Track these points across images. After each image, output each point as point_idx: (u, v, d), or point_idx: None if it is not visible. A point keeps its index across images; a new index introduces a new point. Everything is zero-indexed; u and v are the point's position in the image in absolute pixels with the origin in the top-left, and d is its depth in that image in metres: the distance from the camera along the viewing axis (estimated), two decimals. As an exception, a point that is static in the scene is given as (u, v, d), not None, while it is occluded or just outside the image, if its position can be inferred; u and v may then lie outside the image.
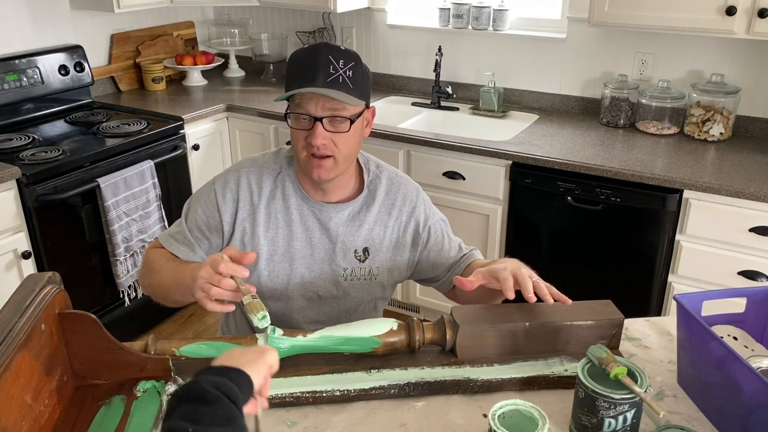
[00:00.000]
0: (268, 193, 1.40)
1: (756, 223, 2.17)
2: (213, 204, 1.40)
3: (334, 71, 1.26)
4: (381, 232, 1.43)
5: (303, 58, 1.29)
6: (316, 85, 1.24)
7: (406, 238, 1.45)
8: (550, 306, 1.23)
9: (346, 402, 1.12)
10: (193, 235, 1.40)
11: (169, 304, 1.38)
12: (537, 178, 2.47)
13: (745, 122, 2.66)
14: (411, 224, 1.44)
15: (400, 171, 1.51)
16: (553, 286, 1.22)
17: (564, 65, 2.96)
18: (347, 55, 1.29)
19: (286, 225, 1.41)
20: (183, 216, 1.44)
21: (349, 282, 1.43)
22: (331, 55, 1.27)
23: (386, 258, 1.44)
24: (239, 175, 1.41)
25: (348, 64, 1.28)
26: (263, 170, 1.42)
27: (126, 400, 1.06)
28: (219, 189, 1.41)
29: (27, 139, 2.64)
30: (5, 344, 0.90)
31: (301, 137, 1.30)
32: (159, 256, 1.39)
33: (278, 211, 1.40)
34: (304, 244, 1.41)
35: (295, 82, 1.28)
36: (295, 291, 1.42)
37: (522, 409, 0.96)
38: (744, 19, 2.26)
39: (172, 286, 1.29)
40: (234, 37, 3.66)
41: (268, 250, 1.40)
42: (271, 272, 1.41)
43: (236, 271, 1.11)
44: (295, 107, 1.29)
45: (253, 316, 1.05)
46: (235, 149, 3.19)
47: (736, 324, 1.19)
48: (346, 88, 1.27)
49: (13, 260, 2.40)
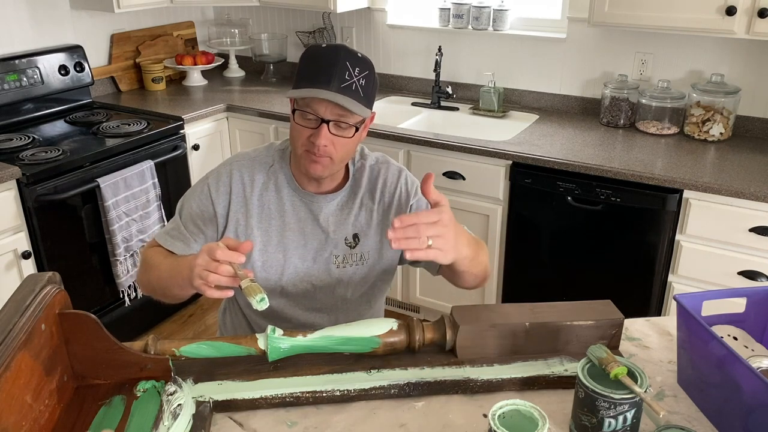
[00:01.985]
0: (261, 185, 1.42)
1: (756, 223, 2.17)
2: (207, 197, 1.42)
3: (349, 78, 1.26)
4: (367, 216, 1.45)
5: (321, 57, 1.29)
6: (330, 89, 1.25)
7: (391, 218, 1.45)
8: (550, 306, 1.23)
9: (346, 402, 1.12)
10: (188, 230, 1.42)
11: (168, 300, 1.38)
12: (537, 178, 2.47)
13: (745, 122, 2.66)
14: (394, 204, 1.45)
15: (382, 155, 1.51)
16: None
17: (564, 65, 2.96)
18: (363, 63, 1.30)
19: (279, 216, 1.42)
20: (177, 213, 1.46)
21: (341, 269, 1.45)
22: (349, 62, 1.27)
23: (375, 241, 1.46)
24: (231, 168, 1.43)
25: (363, 72, 1.28)
26: (255, 163, 1.44)
27: (126, 400, 1.05)
28: (212, 183, 1.42)
29: (27, 139, 2.64)
30: (5, 344, 0.90)
31: (304, 135, 1.31)
32: (156, 253, 1.40)
33: (271, 202, 1.42)
34: (297, 235, 1.43)
35: (309, 80, 1.28)
36: (289, 281, 1.43)
37: (522, 409, 0.96)
38: (744, 19, 2.26)
39: (170, 279, 1.30)
40: (234, 37, 3.66)
41: (261, 241, 1.42)
42: (265, 263, 1.42)
43: (233, 257, 1.12)
44: (303, 105, 1.30)
45: (252, 299, 1.05)
46: (235, 149, 3.19)
47: (736, 324, 1.19)
48: (357, 96, 1.27)
49: (13, 260, 2.40)
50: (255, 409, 1.10)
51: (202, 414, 1.05)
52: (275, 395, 1.10)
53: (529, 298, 1.98)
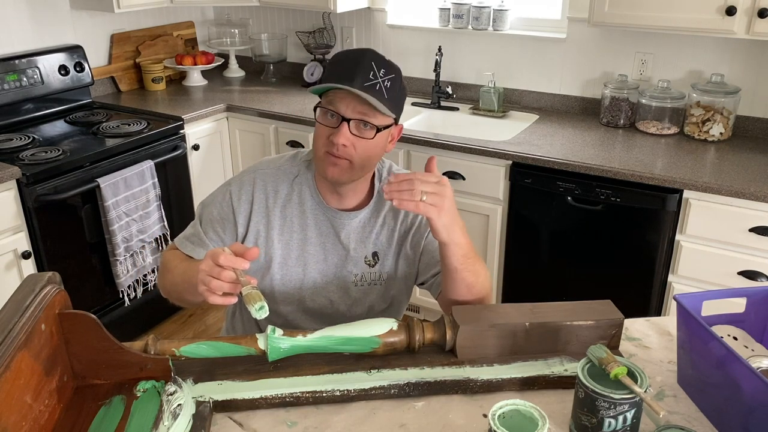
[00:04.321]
0: (284, 196, 1.40)
1: (756, 223, 2.16)
2: (228, 204, 1.40)
3: (373, 77, 1.26)
4: (389, 235, 1.43)
5: (347, 58, 1.30)
6: (353, 85, 1.24)
7: (410, 239, 1.44)
8: (550, 306, 1.23)
9: (346, 402, 1.12)
10: (207, 236, 1.40)
11: (184, 304, 1.38)
12: (537, 178, 2.47)
13: (745, 122, 2.66)
14: (414, 227, 1.44)
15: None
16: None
17: (564, 65, 2.95)
18: (390, 67, 1.30)
19: (301, 229, 1.40)
20: (197, 218, 1.44)
21: (360, 288, 1.43)
22: (374, 62, 1.27)
23: (393, 261, 1.44)
24: (255, 177, 1.41)
25: (388, 75, 1.28)
26: (279, 173, 1.41)
27: (126, 400, 1.05)
28: (234, 190, 1.40)
29: (27, 139, 2.64)
30: (5, 344, 0.90)
31: (325, 134, 1.30)
32: (174, 257, 1.39)
33: (294, 215, 1.40)
34: (317, 249, 1.41)
35: (333, 78, 1.27)
36: (307, 295, 1.42)
37: (522, 409, 0.96)
38: (744, 19, 2.26)
39: (183, 285, 1.29)
40: (234, 37, 3.66)
41: (281, 254, 1.40)
42: (284, 276, 1.41)
43: (236, 263, 1.10)
44: (326, 103, 1.29)
45: (251, 307, 1.05)
46: (235, 149, 3.19)
47: (736, 324, 1.19)
48: (380, 96, 1.26)
49: (13, 260, 2.40)
50: (255, 409, 1.10)
51: (202, 414, 1.05)
52: (275, 395, 1.10)
53: (529, 298, 1.97)
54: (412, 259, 1.45)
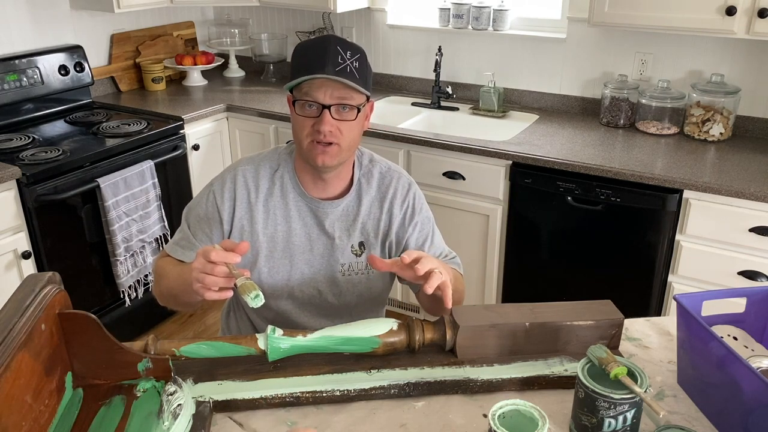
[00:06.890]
0: (266, 190, 1.41)
1: (756, 223, 2.16)
2: (212, 204, 1.41)
3: (342, 61, 1.28)
4: (374, 225, 1.44)
5: (311, 48, 1.31)
6: (326, 72, 1.26)
7: (396, 231, 1.45)
8: (550, 306, 1.23)
9: (346, 402, 1.12)
10: (197, 238, 1.41)
11: (182, 308, 1.40)
12: (537, 178, 2.47)
13: (745, 122, 2.66)
14: (399, 218, 1.45)
15: (393, 164, 1.51)
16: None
17: (564, 65, 2.95)
18: (354, 48, 1.31)
19: (285, 221, 1.41)
20: (184, 222, 1.45)
21: (347, 277, 1.44)
22: (339, 46, 1.29)
23: (379, 251, 1.45)
24: (236, 173, 1.42)
25: (355, 55, 1.30)
26: (260, 167, 1.43)
27: (126, 400, 1.05)
28: (217, 189, 1.42)
29: (27, 139, 2.64)
30: (5, 344, 0.90)
31: (308, 125, 1.31)
32: (166, 263, 1.40)
33: (276, 207, 1.41)
34: (303, 240, 1.42)
35: (303, 70, 1.29)
36: (296, 286, 1.43)
37: (522, 409, 0.96)
38: (744, 19, 2.26)
39: (178, 287, 1.29)
40: (234, 37, 3.66)
41: (267, 247, 1.41)
42: (272, 269, 1.41)
43: (227, 257, 1.11)
44: (302, 95, 1.30)
45: (246, 296, 1.05)
46: (235, 149, 3.19)
47: (736, 324, 1.19)
48: (353, 78, 1.28)
49: (13, 260, 2.40)
50: (255, 409, 1.10)
51: (202, 414, 1.05)
52: (275, 395, 1.10)
53: (529, 298, 1.98)
54: (395, 253, 1.47)
